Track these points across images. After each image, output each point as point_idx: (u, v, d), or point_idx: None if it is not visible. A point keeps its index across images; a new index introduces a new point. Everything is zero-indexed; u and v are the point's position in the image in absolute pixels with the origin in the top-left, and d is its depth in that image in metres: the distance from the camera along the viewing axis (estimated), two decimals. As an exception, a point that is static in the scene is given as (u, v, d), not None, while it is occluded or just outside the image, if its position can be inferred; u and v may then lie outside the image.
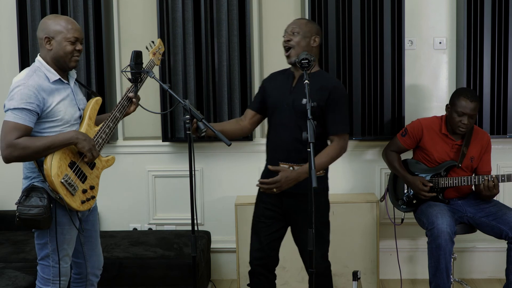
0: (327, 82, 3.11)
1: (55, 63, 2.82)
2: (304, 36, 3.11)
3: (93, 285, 3.09)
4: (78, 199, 2.76)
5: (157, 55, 3.31)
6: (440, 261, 3.53)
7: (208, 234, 4.28)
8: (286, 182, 3.02)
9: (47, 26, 2.81)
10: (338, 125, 3.10)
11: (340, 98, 3.10)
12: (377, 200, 4.12)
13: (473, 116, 3.67)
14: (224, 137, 2.85)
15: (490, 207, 3.74)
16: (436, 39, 4.28)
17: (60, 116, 2.77)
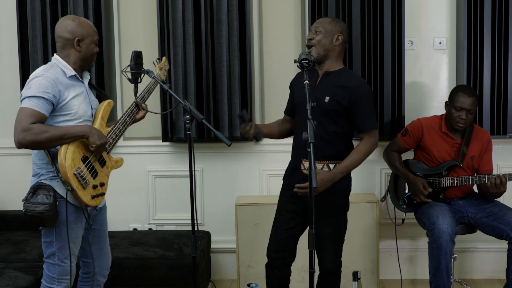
0: (349, 81, 3.12)
1: (81, 64, 2.90)
2: (326, 35, 3.13)
3: (100, 285, 3.10)
4: (89, 194, 2.78)
5: (163, 71, 3.37)
6: (440, 261, 3.53)
7: (208, 234, 4.28)
8: (322, 184, 3.06)
9: (75, 28, 2.87)
10: (366, 123, 3.14)
11: (363, 96, 3.11)
12: (377, 200, 4.12)
13: (472, 112, 3.68)
14: (224, 138, 2.87)
15: (491, 207, 3.73)
16: (436, 39, 4.28)
17: (74, 110, 2.82)
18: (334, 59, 3.16)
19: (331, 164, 3.15)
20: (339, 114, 3.11)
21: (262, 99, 4.38)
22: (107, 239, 3.13)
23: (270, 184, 4.40)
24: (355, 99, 3.08)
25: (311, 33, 3.17)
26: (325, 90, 3.11)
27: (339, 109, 3.10)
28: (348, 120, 3.14)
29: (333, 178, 3.08)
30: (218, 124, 4.28)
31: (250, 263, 4.14)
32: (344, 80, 3.11)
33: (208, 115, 4.26)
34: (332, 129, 3.12)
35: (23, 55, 4.30)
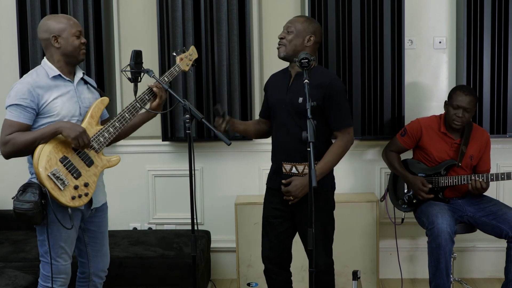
0: (323, 79, 3.10)
1: (65, 60, 2.88)
2: (297, 35, 3.12)
3: (96, 286, 3.10)
4: (68, 194, 2.75)
5: (185, 61, 3.25)
6: (440, 261, 3.53)
7: (208, 234, 4.28)
8: (299, 190, 3.07)
9: (49, 26, 2.86)
10: (340, 121, 3.13)
11: (337, 93, 3.10)
12: (377, 200, 4.12)
13: (469, 110, 3.68)
14: (224, 137, 2.87)
15: (490, 206, 3.74)
16: (436, 38, 4.28)
17: (56, 111, 2.81)
18: None
19: None
20: (314, 114, 3.05)
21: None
22: (105, 240, 3.11)
23: (270, 183, 4.40)
24: (328, 97, 3.07)
25: (283, 32, 3.16)
26: (298, 91, 3.09)
27: (314, 109, 3.04)
28: (324, 119, 3.13)
29: (307, 182, 3.05)
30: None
31: (250, 262, 4.14)
32: (317, 80, 3.08)
33: (208, 114, 4.26)
34: None
35: (23, 55, 4.30)
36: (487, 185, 3.68)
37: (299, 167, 3.13)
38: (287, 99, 3.13)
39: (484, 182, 3.64)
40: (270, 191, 3.30)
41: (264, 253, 3.31)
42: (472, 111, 3.73)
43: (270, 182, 3.31)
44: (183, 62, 3.24)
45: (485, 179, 3.66)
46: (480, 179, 3.63)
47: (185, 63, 3.26)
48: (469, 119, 3.74)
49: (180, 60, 3.24)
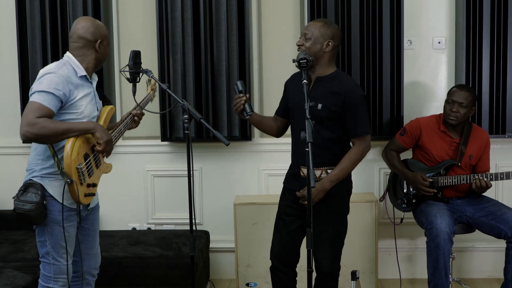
0: (342, 86, 3.09)
1: (95, 64, 2.94)
2: (315, 41, 3.08)
3: (90, 284, 3.10)
4: (83, 191, 2.78)
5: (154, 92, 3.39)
6: (438, 261, 3.54)
7: (207, 234, 4.28)
8: (315, 195, 3.10)
9: (100, 30, 2.93)
10: (357, 128, 3.14)
11: (356, 101, 3.10)
12: (376, 200, 4.12)
13: (464, 105, 3.69)
14: (222, 137, 2.88)
15: (489, 206, 3.74)
16: (435, 38, 4.28)
17: (81, 109, 2.84)
18: (325, 64, 3.12)
19: (329, 170, 3.16)
20: (333, 120, 3.11)
21: (261, 98, 4.38)
22: (97, 239, 3.11)
23: (269, 183, 4.40)
24: (347, 104, 3.07)
25: (301, 38, 3.13)
26: (318, 97, 3.09)
27: (333, 116, 3.10)
28: (342, 126, 3.14)
29: (323, 188, 3.11)
30: (217, 123, 4.29)
31: (249, 262, 4.14)
32: (336, 86, 3.09)
33: (207, 114, 4.27)
34: (327, 135, 3.13)
35: (22, 55, 4.30)
36: (490, 184, 3.68)
37: (316, 172, 3.15)
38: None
39: (488, 182, 3.64)
40: (286, 190, 3.32)
41: (273, 250, 3.32)
42: (469, 108, 3.72)
43: (287, 182, 3.33)
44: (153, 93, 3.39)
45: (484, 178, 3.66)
46: (485, 178, 3.63)
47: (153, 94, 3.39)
48: (465, 116, 3.74)
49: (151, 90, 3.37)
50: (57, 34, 4.26)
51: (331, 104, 3.08)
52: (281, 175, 3.41)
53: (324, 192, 3.11)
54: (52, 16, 4.26)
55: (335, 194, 3.17)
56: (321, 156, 3.14)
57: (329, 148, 3.15)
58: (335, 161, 3.16)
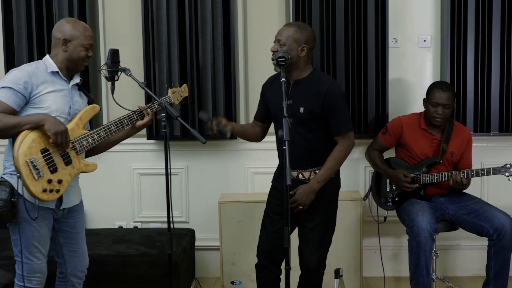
0: (320, 86, 3.10)
1: (67, 64, 2.93)
2: (290, 47, 3.06)
3: (75, 286, 3.11)
4: (41, 186, 2.75)
5: (177, 95, 3.35)
6: (420, 259, 3.54)
7: (192, 232, 4.29)
8: (305, 197, 3.11)
9: (65, 28, 2.92)
10: (339, 126, 3.14)
11: (336, 99, 3.11)
12: (361, 198, 4.12)
13: (448, 106, 3.69)
14: (199, 135, 2.91)
15: (472, 204, 3.75)
16: (420, 37, 4.29)
17: (47, 104, 2.84)
18: (302, 67, 3.12)
19: (317, 171, 3.17)
20: (316, 122, 3.12)
21: (246, 97, 4.39)
22: (81, 241, 3.10)
23: (255, 182, 4.41)
24: (327, 104, 3.08)
25: (275, 44, 3.11)
26: (298, 100, 3.09)
27: (315, 117, 3.11)
28: (326, 125, 3.15)
29: (311, 189, 3.12)
30: (202, 122, 4.29)
31: (234, 260, 4.15)
32: (315, 86, 3.10)
33: (193, 113, 4.27)
34: (312, 137, 3.14)
35: (8, 55, 4.31)
36: (467, 180, 3.68)
37: (305, 174, 3.18)
38: (288, 109, 3.09)
39: (464, 178, 3.64)
40: (274, 189, 3.33)
41: (260, 247, 3.33)
42: (451, 107, 3.74)
43: (275, 182, 3.35)
44: (175, 96, 3.34)
45: (466, 175, 3.66)
46: (461, 175, 3.64)
47: (176, 97, 3.35)
48: (449, 115, 3.75)
49: (172, 93, 3.33)
50: (43, 33, 4.27)
51: (312, 105, 3.09)
52: (266, 173, 3.43)
53: (314, 193, 3.13)
54: (38, 17, 4.26)
55: (325, 192, 3.18)
56: (308, 157, 3.17)
57: (315, 149, 3.17)
58: (322, 161, 3.17)
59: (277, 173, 3.35)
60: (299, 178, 3.20)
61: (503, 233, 3.57)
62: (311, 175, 3.18)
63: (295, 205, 3.13)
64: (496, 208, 3.71)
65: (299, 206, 3.13)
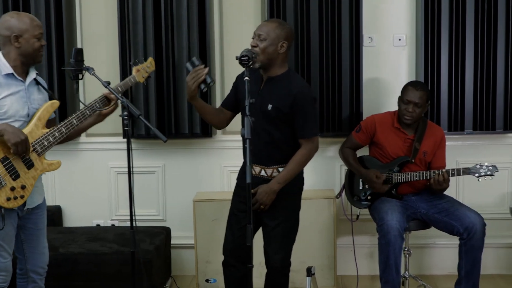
0: (292, 87, 3.10)
1: (22, 60, 2.89)
2: (270, 43, 3.06)
3: (35, 281, 3.11)
4: (4, 195, 2.76)
5: (142, 72, 3.28)
6: (389, 257, 3.55)
7: (167, 230, 4.29)
8: (266, 197, 3.12)
9: (11, 24, 2.86)
10: (305, 130, 3.15)
11: (305, 102, 3.11)
12: (335, 196, 4.12)
13: (419, 105, 3.69)
14: (160, 134, 2.91)
15: (443, 203, 3.75)
16: (396, 36, 4.29)
17: (4, 110, 2.82)
18: (278, 65, 3.13)
19: (280, 168, 3.19)
20: (283, 121, 3.13)
21: (222, 95, 4.39)
22: (42, 237, 3.10)
23: (231, 180, 4.42)
24: (296, 106, 3.08)
25: (255, 39, 3.10)
26: (268, 98, 3.11)
27: (282, 117, 3.11)
28: (292, 126, 3.15)
29: (271, 190, 3.13)
30: (178, 121, 4.30)
31: (209, 258, 4.16)
32: (286, 86, 3.10)
33: (169, 111, 4.29)
34: (277, 135, 3.15)
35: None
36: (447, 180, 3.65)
37: (268, 170, 3.19)
38: (257, 105, 3.12)
39: (446, 174, 3.62)
40: (239, 187, 3.34)
41: (225, 245, 3.34)
42: (424, 106, 3.74)
43: (239, 180, 3.36)
44: (139, 74, 3.28)
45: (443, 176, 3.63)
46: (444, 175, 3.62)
47: (141, 75, 3.29)
48: (420, 114, 3.75)
49: (137, 71, 3.28)
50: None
51: (281, 105, 3.09)
52: (243, 172, 3.43)
53: (274, 194, 3.14)
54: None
55: (287, 191, 3.19)
56: (272, 155, 3.18)
57: (280, 147, 3.18)
58: (285, 159, 3.18)
59: (241, 171, 3.35)
60: (261, 174, 3.20)
61: (473, 232, 3.58)
62: (273, 172, 3.18)
63: (257, 205, 3.15)
64: (467, 207, 3.72)
65: (261, 206, 3.15)
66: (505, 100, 4.15)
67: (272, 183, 3.14)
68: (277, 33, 3.07)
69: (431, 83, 4.15)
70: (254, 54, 3.02)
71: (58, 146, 3.05)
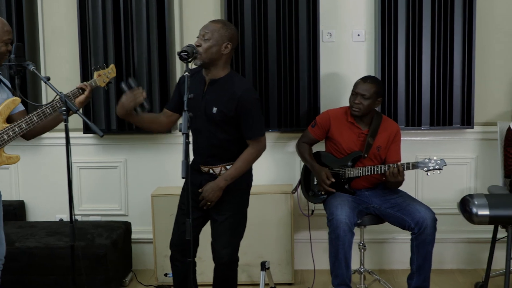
0: (235, 90, 3.11)
1: None
2: (214, 43, 3.07)
3: None
4: None
5: (103, 77, 3.37)
6: (338, 251, 3.57)
7: (126, 224, 4.31)
8: (212, 194, 3.16)
9: None
10: (252, 131, 3.17)
11: (249, 105, 3.12)
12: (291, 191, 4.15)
13: (366, 97, 3.71)
14: (97, 129, 2.92)
15: (395, 198, 3.77)
16: (354, 31, 4.30)
17: None
18: (221, 66, 3.13)
19: (228, 166, 3.22)
20: (228, 123, 3.15)
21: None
22: None
23: (192, 175, 4.44)
24: (241, 109, 3.10)
25: (199, 38, 3.10)
26: (212, 100, 3.13)
27: (227, 120, 3.13)
28: (238, 127, 3.17)
29: (218, 186, 3.16)
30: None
31: (167, 253, 4.11)
32: (230, 89, 3.11)
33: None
34: (223, 137, 3.17)
35: None
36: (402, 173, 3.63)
37: (215, 169, 3.23)
38: (202, 108, 3.15)
39: (400, 166, 3.61)
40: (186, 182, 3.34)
41: (171, 239, 3.38)
42: (372, 100, 3.73)
43: None
44: (100, 78, 3.36)
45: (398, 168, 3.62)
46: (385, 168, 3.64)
47: (102, 80, 3.37)
48: (369, 107, 3.75)
49: (98, 76, 3.35)
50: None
51: (226, 108, 3.11)
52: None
53: (220, 190, 3.16)
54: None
55: (235, 187, 3.22)
56: (219, 154, 3.21)
57: (227, 148, 3.21)
58: (233, 158, 3.21)
59: (190, 167, 3.37)
60: (210, 172, 3.23)
61: (424, 227, 3.59)
62: (221, 171, 3.22)
63: (203, 202, 3.17)
64: (419, 202, 3.73)
65: (207, 203, 3.17)
66: (462, 95, 4.16)
67: (219, 180, 3.17)
68: (221, 34, 3.08)
69: (388, 79, 4.16)
70: (195, 50, 3.03)
71: (21, 142, 3.14)
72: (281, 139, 4.39)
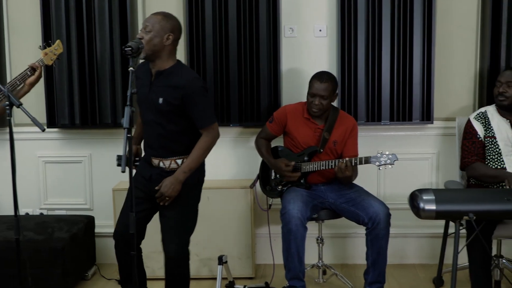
0: (180, 80, 3.13)
1: None
2: (155, 34, 3.10)
3: None
4: None
5: (50, 55, 3.40)
6: (291, 245, 3.59)
7: (89, 219, 4.34)
8: (171, 190, 3.15)
9: None
10: (203, 120, 3.18)
11: (195, 94, 3.14)
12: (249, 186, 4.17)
13: (325, 97, 3.72)
14: (39, 123, 2.96)
15: (350, 193, 3.79)
16: (316, 26, 4.31)
17: None
18: (165, 57, 3.15)
19: (178, 160, 3.22)
20: (176, 114, 3.16)
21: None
22: None
23: (156, 169, 4.47)
24: (187, 98, 3.11)
25: (141, 30, 3.14)
26: (158, 91, 3.14)
27: (175, 110, 3.14)
28: (187, 118, 3.18)
29: (177, 180, 3.15)
30: (102, 111, 4.35)
31: (129, 247, 4.21)
32: (175, 80, 3.13)
33: (93, 102, 4.33)
34: (172, 128, 3.19)
35: None
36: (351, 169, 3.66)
37: (165, 162, 3.23)
38: (149, 98, 3.18)
39: (348, 161, 3.63)
40: (138, 174, 3.37)
41: (116, 228, 3.38)
42: (331, 97, 3.76)
43: (139, 168, 3.40)
44: (48, 57, 3.39)
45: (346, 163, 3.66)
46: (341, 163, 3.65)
47: (49, 58, 3.39)
48: (328, 105, 3.78)
49: (45, 55, 3.38)
50: None
51: (172, 98, 3.12)
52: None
53: (180, 184, 3.16)
54: None
55: (186, 182, 3.21)
56: (169, 147, 3.22)
57: (177, 140, 3.22)
58: (184, 151, 3.22)
59: (143, 160, 3.40)
60: (160, 166, 3.25)
61: (377, 221, 3.62)
62: (171, 164, 3.22)
63: (162, 198, 3.18)
64: (373, 197, 3.76)
65: (166, 198, 3.17)
66: (422, 91, 4.17)
67: (178, 173, 3.16)
68: (162, 25, 3.10)
69: (348, 74, 4.17)
70: (141, 45, 3.06)
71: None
72: (243, 134, 4.40)
